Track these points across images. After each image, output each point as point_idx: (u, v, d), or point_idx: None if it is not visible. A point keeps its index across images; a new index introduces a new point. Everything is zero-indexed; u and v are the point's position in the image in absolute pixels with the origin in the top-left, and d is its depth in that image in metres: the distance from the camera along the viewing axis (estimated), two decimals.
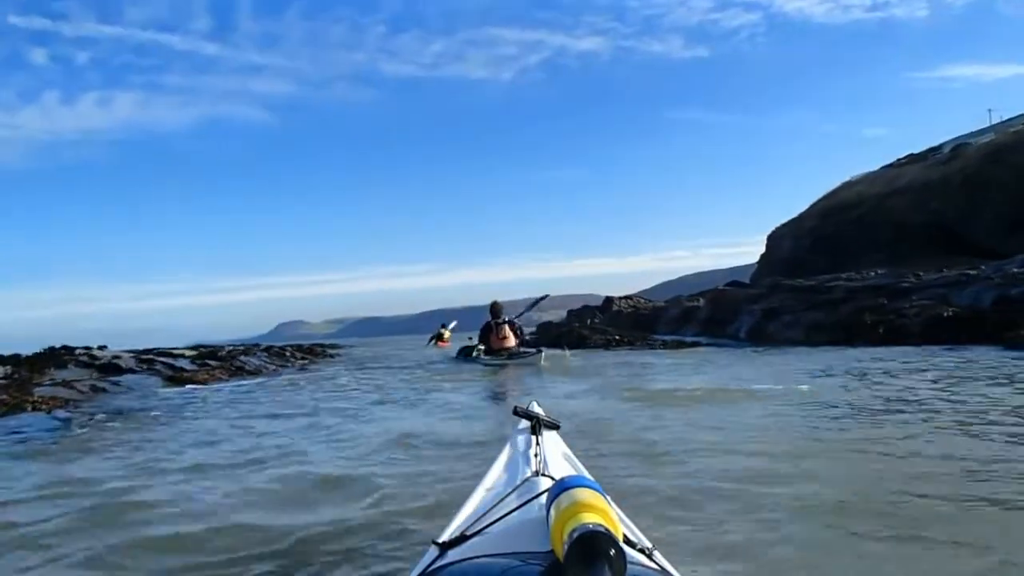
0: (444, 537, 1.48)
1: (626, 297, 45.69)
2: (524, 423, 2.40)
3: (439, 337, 26.67)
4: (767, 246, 47.47)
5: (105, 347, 23.27)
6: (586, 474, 1.76)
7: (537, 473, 1.78)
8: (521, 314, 15.41)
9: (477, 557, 1.25)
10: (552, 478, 1.66)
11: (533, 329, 55.66)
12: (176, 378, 12.40)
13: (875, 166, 43.30)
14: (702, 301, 31.21)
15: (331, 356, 22.34)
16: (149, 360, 13.52)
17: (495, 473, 2.07)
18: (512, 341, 13.57)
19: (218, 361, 14.93)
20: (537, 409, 2.45)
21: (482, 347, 13.76)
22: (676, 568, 1.42)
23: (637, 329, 23.79)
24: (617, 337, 19.24)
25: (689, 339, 20.22)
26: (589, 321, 43.47)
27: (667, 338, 20.52)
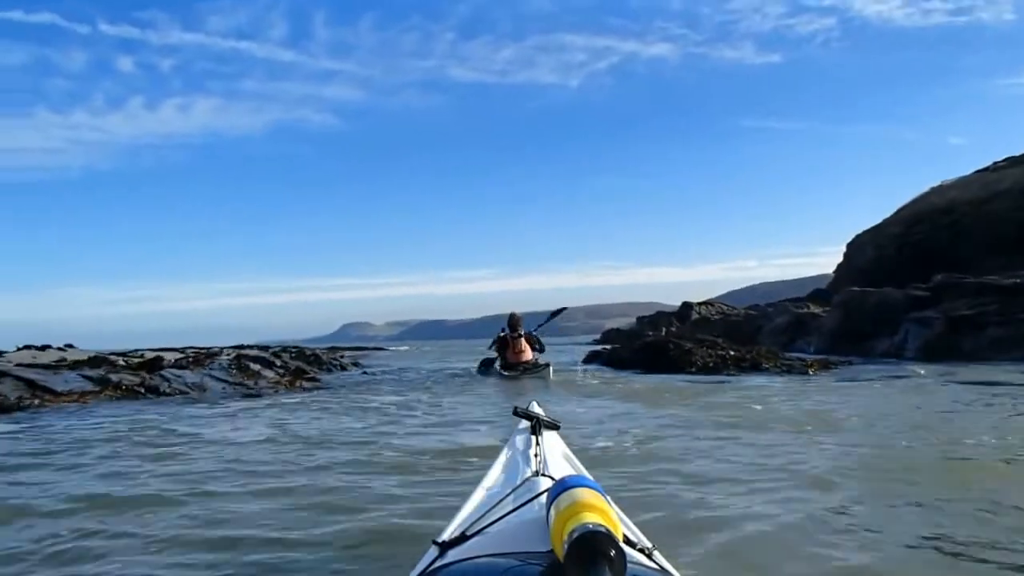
0: (444, 537, 1.42)
1: (706, 303, 39.36)
2: (524, 423, 2.27)
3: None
4: (846, 254, 42.74)
5: (71, 347, 18.37)
6: (586, 474, 1.69)
7: (537, 473, 1.70)
8: (540, 326, 13.69)
9: (477, 557, 1.22)
10: (552, 478, 1.60)
11: (597, 336, 50.02)
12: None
13: (957, 174, 38.67)
14: (814, 307, 24.83)
15: (343, 368, 16.81)
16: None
17: (495, 473, 1.99)
18: (529, 355, 12.28)
19: (135, 376, 9.66)
20: (537, 409, 2.32)
21: (498, 360, 12.66)
22: (676, 568, 1.34)
23: (733, 340, 17.53)
24: (732, 353, 13.17)
25: (833, 358, 14.05)
26: (664, 330, 37.39)
27: (806, 356, 14.35)
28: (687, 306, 38.84)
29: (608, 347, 18.62)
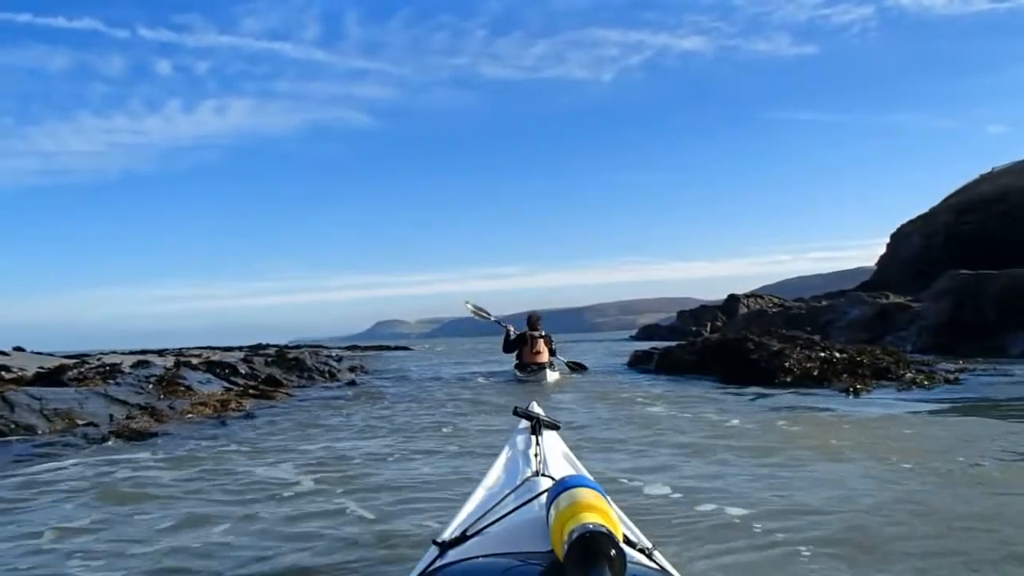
0: (444, 537, 1.39)
1: (754, 295, 35.65)
2: (524, 423, 2.18)
3: None
4: (890, 245, 39.18)
5: (20, 350, 15.42)
6: (586, 474, 1.62)
7: (537, 473, 1.68)
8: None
9: (477, 557, 1.19)
10: (552, 478, 1.57)
11: (633, 332, 46.24)
12: None
13: (997, 163, 35.38)
14: (895, 297, 21.00)
15: (333, 375, 13.43)
16: None
17: (495, 473, 1.93)
18: (544, 356, 11.30)
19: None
20: (537, 409, 2.23)
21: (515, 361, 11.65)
22: (676, 568, 1.30)
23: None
24: (838, 354, 9.47)
25: (961, 362, 10.38)
26: (710, 325, 33.64)
27: (923, 357, 10.69)
28: (733, 299, 35.16)
29: (658, 346, 15.06)
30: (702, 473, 3.80)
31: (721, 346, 10.80)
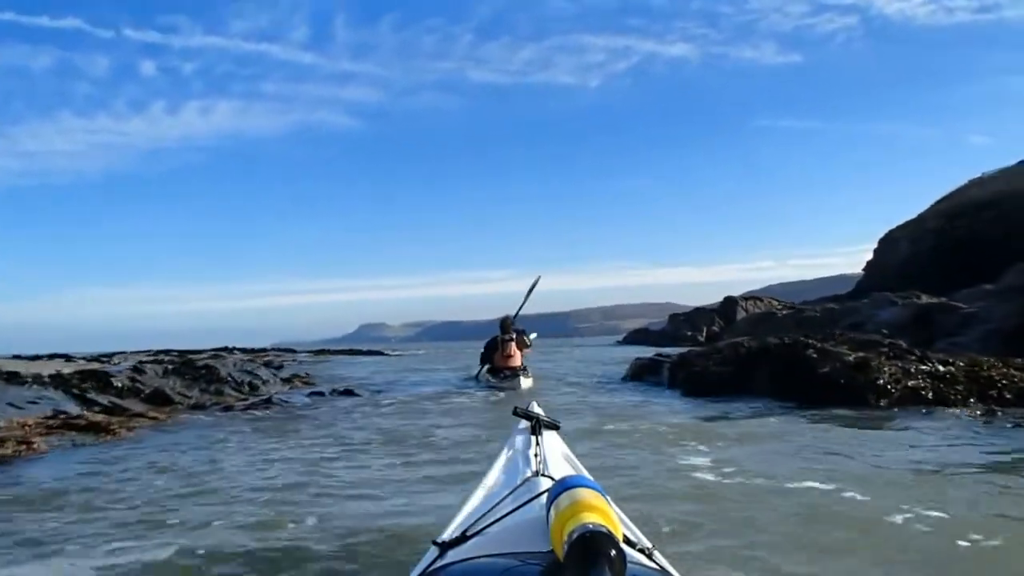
0: (444, 537, 1.36)
1: (753, 297, 33.00)
2: (524, 423, 2.16)
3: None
4: (877, 251, 37.32)
5: None
6: (586, 474, 1.59)
7: (537, 473, 1.63)
8: (521, 307, 11.85)
9: (477, 557, 1.17)
10: (552, 478, 1.53)
11: (619, 337, 43.31)
12: None
13: (980, 173, 34.13)
14: (928, 297, 18.20)
15: (254, 388, 10.30)
16: None
17: (495, 473, 1.91)
18: (518, 360, 10.58)
19: None
20: (537, 409, 2.21)
21: (487, 366, 10.96)
22: (676, 568, 1.27)
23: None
24: (942, 368, 6.58)
25: None
26: (706, 330, 30.83)
27: None
28: (731, 301, 32.42)
29: (663, 352, 12.14)
30: None
31: (766, 353, 7.88)
